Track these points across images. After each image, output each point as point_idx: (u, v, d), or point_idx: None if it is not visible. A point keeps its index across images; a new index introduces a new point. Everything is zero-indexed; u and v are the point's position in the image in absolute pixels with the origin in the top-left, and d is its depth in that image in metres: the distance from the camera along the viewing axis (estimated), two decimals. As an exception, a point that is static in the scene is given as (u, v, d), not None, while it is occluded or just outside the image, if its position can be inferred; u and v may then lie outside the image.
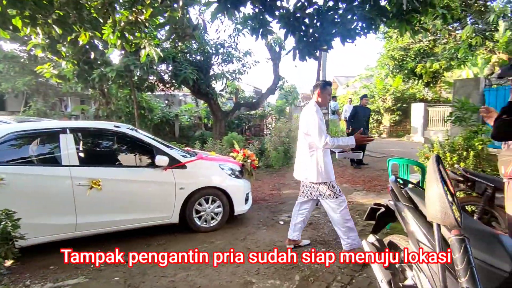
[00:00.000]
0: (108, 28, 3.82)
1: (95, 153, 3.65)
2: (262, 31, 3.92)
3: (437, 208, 1.26)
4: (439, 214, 1.26)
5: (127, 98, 9.50)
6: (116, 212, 3.46)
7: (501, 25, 8.77)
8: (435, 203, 1.28)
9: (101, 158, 3.63)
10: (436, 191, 1.28)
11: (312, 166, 3.07)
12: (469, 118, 4.21)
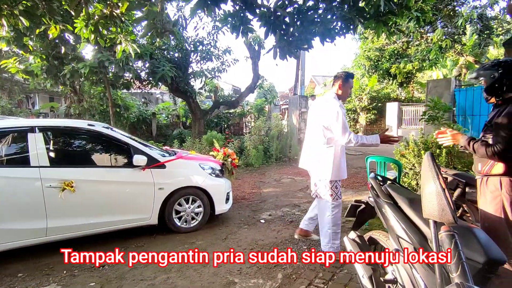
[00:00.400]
0: (80, 22, 3.63)
1: (67, 153, 3.45)
2: (242, 29, 3.89)
3: (435, 205, 1.27)
4: (437, 211, 1.26)
5: (101, 96, 9.13)
6: (91, 214, 3.30)
7: (468, 29, 9.25)
8: (433, 200, 1.29)
9: (74, 159, 3.44)
10: (434, 188, 1.29)
11: (328, 162, 2.89)
12: (441, 117, 4.40)
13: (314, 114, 3.14)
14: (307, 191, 5.77)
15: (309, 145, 3.17)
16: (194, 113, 9.82)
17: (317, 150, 3.00)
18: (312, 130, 3.12)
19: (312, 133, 3.13)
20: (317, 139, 3.01)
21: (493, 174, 2.10)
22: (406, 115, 13.09)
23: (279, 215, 4.49)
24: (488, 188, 2.15)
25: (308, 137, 3.22)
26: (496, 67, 2.09)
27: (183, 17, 6.22)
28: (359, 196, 5.23)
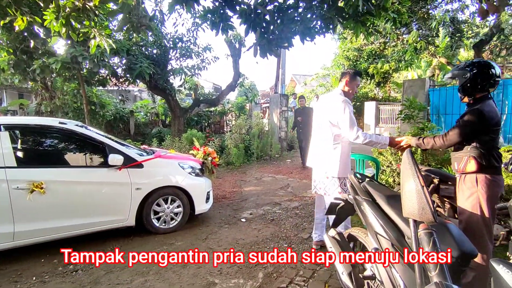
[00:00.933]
0: (50, 14, 3.44)
1: (37, 153, 3.26)
2: (222, 26, 3.83)
3: (414, 204, 1.27)
4: (417, 210, 1.26)
5: (75, 93, 8.74)
6: (63, 217, 3.14)
7: (441, 32, 9.63)
8: (412, 199, 1.28)
9: (44, 159, 3.25)
10: (414, 187, 1.29)
11: (335, 159, 2.85)
12: (417, 116, 4.54)
13: (320, 112, 3.06)
14: (287, 189, 5.80)
15: (316, 144, 3.09)
16: (173, 111, 9.62)
17: (325, 147, 2.93)
18: (319, 128, 3.05)
19: (318, 131, 3.06)
20: (324, 137, 2.95)
21: (468, 172, 2.19)
22: (383, 114, 13.46)
23: (260, 213, 4.48)
24: (465, 185, 2.23)
25: (315, 135, 3.14)
26: (469, 68, 2.17)
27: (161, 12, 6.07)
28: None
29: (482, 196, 2.12)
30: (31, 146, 3.27)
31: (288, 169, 7.47)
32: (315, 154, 3.08)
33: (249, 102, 12.25)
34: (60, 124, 3.30)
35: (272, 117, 9.62)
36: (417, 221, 1.31)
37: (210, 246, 3.37)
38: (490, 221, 2.13)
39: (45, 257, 3.11)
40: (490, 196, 2.11)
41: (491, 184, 2.12)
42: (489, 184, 2.11)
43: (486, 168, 2.12)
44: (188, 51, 8.75)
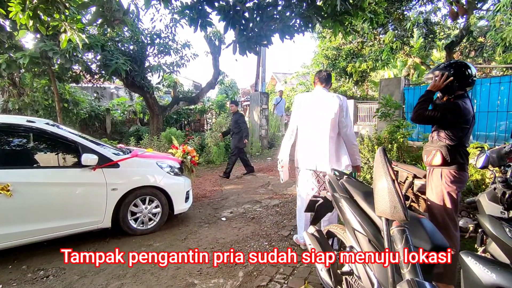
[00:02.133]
0: (16, 6, 3.24)
1: (2, 154, 3.05)
2: (201, 23, 3.77)
3: (386, 203, 1.28)
4: (388, 209, 1.27)
5: (46, 89, 8.32)
6: (33, 220, 2.98)
7: (415, 33, 9.96)
8: (384, 197, 1.29)
9: (11, 159, 3.05)
10: (385, 185, 1.29)
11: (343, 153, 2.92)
12: (393, 114, 4.67)
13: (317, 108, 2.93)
14: (268, 187, 5.82)
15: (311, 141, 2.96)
16: (151, 109, 9.39)
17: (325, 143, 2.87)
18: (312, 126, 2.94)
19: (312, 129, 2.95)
20: (323, 133, 2.88)
21: (434, 165, 2.31)
22: (361, 112, 13.76)
23: (240, 212, 4.47)
24: (433, 178, 2.35)
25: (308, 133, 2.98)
26: (449, 68, 2.27)
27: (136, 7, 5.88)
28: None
29: (445, 189, 2.25)
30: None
31: (269, 167, 7.49)
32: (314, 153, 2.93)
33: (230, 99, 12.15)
34: (28, 123, 3.12)
35: (253, 115, 9.60)
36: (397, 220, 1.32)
37: (189, 246, 3.32)
38: (453, 212, 2.27)
39: (12, 263, 2.94)
40: (453, 189, 2.24)
41: (454, 179, 2.24)
42: (452, 179, 2.24)
43: (451, 164, 2.24)
44: (166, 48, 8.55)
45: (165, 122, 10.45)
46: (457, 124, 2.22)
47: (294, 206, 4.64)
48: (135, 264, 2.91)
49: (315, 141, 2.93)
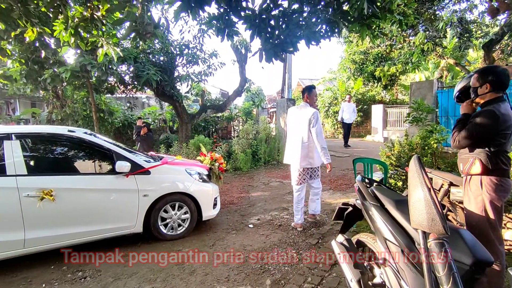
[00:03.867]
0: (59, 24, 3.52)
1: (46, 161, 3.31)
2: (227, 32, 3.86)
3: (423, 215, 1.20)
4: (426, 221, 1.19)
5: (84, 101, 8.89)
6: (72, 224, 3.18)
7: (449, 33, 9.51)
8: (421, 209, 1.21)
9: (53, 166, 3.30)
10: (422, 196, 1.22)
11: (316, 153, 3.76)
12: (425, 119, 4.47)
13: (296, 118, 3.86)
14: (295, 194, 5.75)
15: (293, 143, 3.84)
16: (180, 117, 9.69)
17: (304, 145, 3.73)
18: (296, 130, 3.82)
19: (296, 132, 3.82)
20: (303, 137, 3.74)
21: (473, 174, 2.15)
22: (390, 117, 13.30)
23: (268, 219, 4.45)
24: (470, 187, 2.19)
25: (292, 136, 3.88)
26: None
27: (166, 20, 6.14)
28: (347, 198, 5.25)
29: (487, 199, 2.08)
30: (41, 154, 3.33)
31: (296, 173, 7.42)
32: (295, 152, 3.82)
33: (256, 107, 12.26)
34: (69, 132, 3.35)
35: (279, 121, 9.59)
36: (435, 233, 1.23)
37: (217, 253, 3.35)
38: (497, 224, 2.08)
39: (54, 264, 3.14)
40: (496, 199, 2.07)
41: (496, 187, 2.07)
42: (494, 187, 2.07)
43: (492, 171, 2.07)
44: (194, 58, 8.84)
45: (193, 129, 10.74)
46: (497, 134, 2.07)
47: (322, 213, 4.55)
48: (165, 269, 2.99)
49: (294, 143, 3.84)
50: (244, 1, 3.49)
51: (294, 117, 3.90)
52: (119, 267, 3.06)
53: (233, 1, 3.40)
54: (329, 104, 17.25)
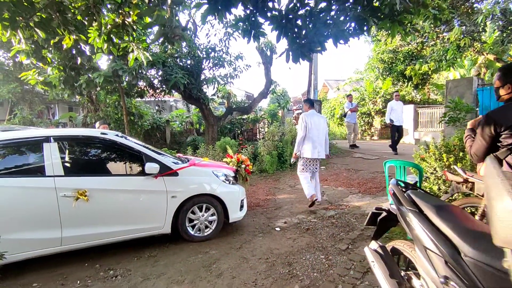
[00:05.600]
0: (93, 31, 3.67)
1: (81, 162, 3.47)
2: (254, 33, 3.84)
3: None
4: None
5: (116, 104, 9.28)
6: (104, 223, 3.29)
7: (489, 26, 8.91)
8: (509, 222, 1.03)
9: (87, 168, 3.45)
10: (510, 206, 1.03)
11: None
12: (463, 118, 4.18)
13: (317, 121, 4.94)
14: (323, 197, 5.61)
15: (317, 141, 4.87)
16: (207, 120, 9.83)
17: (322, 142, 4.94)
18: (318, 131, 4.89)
19: (318, 132, 4.89)
20: (322, 136, 4.94)
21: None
22: (422, 118, 12.68)
23: (295, 222, 4.37)
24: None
25: (315, 135, 4.86)
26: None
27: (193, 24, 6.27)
28: (377, 202, 5.03)
29: None
30: (76, 155, 3.48)
31: (322, 176, 7.24)
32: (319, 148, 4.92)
33: (282, 108, 12.17)
34: (102, 135, 3.48)
35: (305, 123, 9.45)
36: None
37: (244, 256, 3.33)
38: None
39: (88, 261, 3.26)
40: None
41: None
42: None
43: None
44: (220, 61, 8.93)
45: (219, 132, 10.85)
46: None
47: (351, 218, 4.40)
48: (192, 271, 3.00)
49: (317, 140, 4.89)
50: (270, 2, 3.46)
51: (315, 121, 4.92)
52: (147, 267, 3.11)
53: (260, 2, 3.37)
54: (356, 105, 16.78)
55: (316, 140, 4.82)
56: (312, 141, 4.81)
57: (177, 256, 3.37)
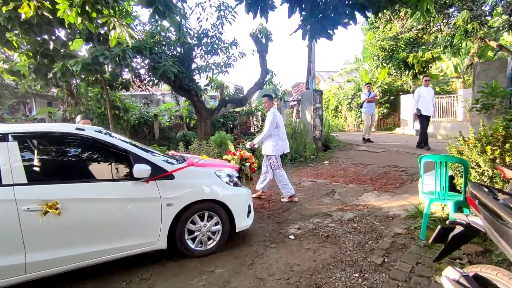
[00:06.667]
0: (63, 1, 2.93)
1: (50, 166, 2.72)
2: (261, 7, 3.20)
3: None
4: None
5: (99, 97, 8.42)
6: (82, 242, 2.60)
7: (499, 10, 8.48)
8: None
9: (59, 173, 2.71)
10: None
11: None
12: (501, 105, 3.66)
13: (280, 116, 5.03)
14: (334, 196, 5.05)
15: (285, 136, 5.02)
16: (199, 113, 9.11)
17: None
18: (283, 127, 5.02)
19: (284, 128, 5.03)
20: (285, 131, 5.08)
21: None
22: (422, 108, 12.28)
23: (310, 228, 3.78)
24: None
25: (283, 132, 4.95)
26: None
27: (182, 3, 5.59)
28: (397, 200, 4.50)
29: None
30: (44, 157, 2.74)
31: (328, 171, 6.69)
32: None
33: (279, 100, 11.50)
34: (78, 131, 2.76)
35: (304, 114, 8.85)
36: None
37: (259, 275, 2.72)
38: None
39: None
40: None
41: None
42: None
43: None
44: (213, 47, 8.18)
45: (211, 125, 10.14)
46: None
47: (373, 221, 3.85)
48: (198, 300, 2.37)
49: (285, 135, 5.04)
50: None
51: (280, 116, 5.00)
52: (140, 296, 2.46)
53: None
54: (352, 96, 16.32)
55: (284, 135, 5.01)
56: (285, 137, 5.00)
57: (176, 279, 2.73)
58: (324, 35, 3.11)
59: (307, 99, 8.81)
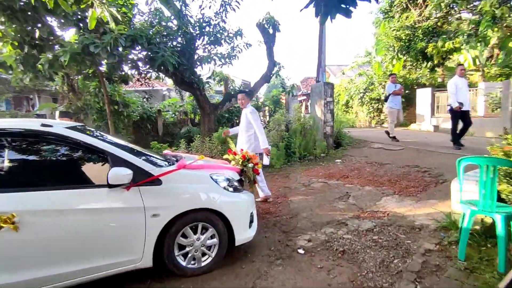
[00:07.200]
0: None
1: (6, 172, 2.26)
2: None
3: None
4: None
5: (97, 92, 8.01)
6: (48, 263, 2.15)
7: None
8: None
9: (16, 179, 2.23)
10: None
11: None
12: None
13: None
14: (348, 200, 4.51)
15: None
16: (202, 108, 8.63)
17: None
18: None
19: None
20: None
21: None
22: (440, 102, 11.55)
23: (322, 240, 3.26)
24: None
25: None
26: None
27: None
28: (423, 207, 3.93)
29: None
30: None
31: (341, 171, 6.13)
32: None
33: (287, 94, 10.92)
34: (43, 128, 2.29)
35: (315, 110, 8.27)
36: None
37: (261, 305, 2.21)
38: None
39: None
40: None
41: None
42: None
43: None
44: (216, 37, 7.65)
45: (216, 121, 9.66)
46: None
47: (397, 232, 3.30)
48: None
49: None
50: None
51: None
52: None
53: None
54: (364, 90, 15.58)
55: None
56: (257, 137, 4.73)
57: (160, 307, 2.25)
58: (341, 11, 2.56)
59: (317, 93, 8.22)
